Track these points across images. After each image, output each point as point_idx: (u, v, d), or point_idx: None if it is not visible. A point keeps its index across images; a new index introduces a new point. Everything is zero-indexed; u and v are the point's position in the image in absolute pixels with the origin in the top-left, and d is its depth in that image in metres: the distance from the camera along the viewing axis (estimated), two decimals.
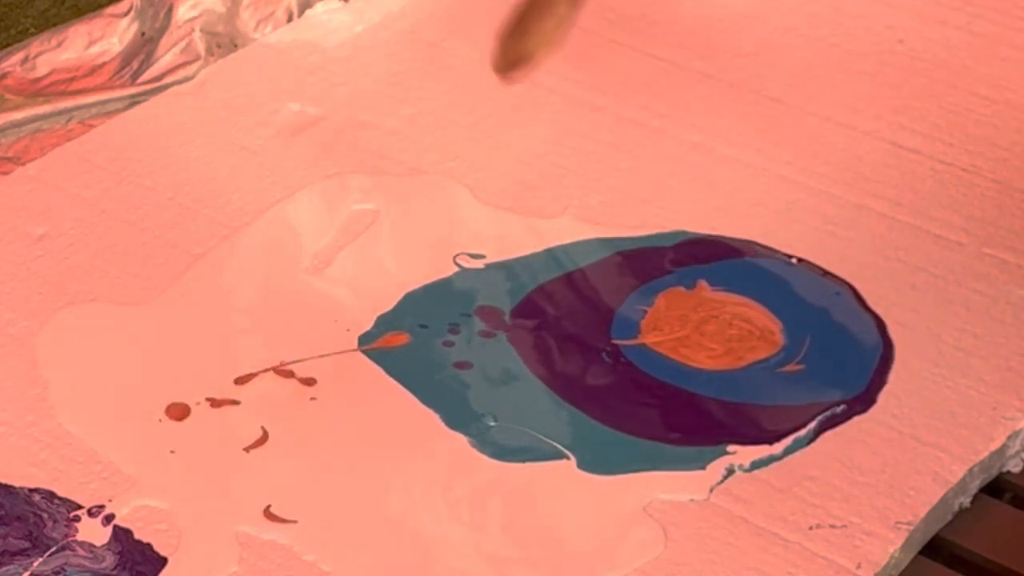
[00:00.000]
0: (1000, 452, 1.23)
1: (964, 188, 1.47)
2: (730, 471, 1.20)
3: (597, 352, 1.30)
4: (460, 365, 1.29)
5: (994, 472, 1.23)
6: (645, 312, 1.33)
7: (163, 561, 1.14)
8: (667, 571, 1.14)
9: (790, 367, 1.29)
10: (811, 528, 1.16)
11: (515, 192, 1.47)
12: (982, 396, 1.26)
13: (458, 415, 1.25)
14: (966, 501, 1.21)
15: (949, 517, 1.20)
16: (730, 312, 1.33)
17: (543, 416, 1.25)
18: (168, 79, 1.69)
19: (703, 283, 1.36)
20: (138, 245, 1.42)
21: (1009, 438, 1.23)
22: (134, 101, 1.64)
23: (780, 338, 1.31)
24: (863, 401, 1.25)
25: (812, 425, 1.23)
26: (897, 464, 1.21)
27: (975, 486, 1.21)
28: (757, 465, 1.20)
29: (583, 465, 1.21)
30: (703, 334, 1.31)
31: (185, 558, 1.15)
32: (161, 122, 1.57)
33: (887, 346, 1.30)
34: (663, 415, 1.25)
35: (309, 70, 1.63)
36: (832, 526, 1.16)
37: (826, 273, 1.37)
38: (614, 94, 1.58)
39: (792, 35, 1.67)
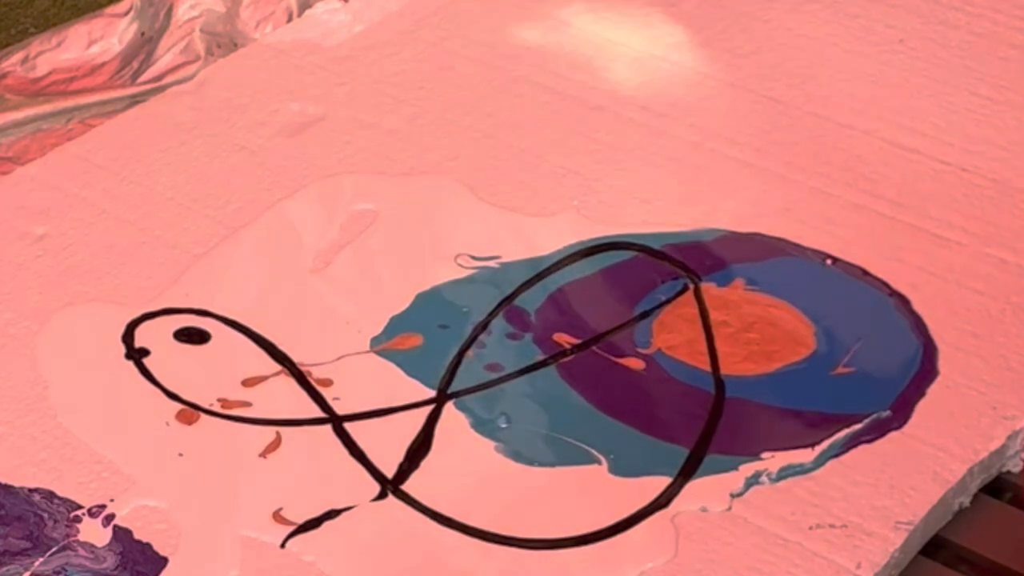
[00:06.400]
0: (1000, 452, 1.22)
1: (964, 188, 1.47)
2: (755, 479, 1.19)
3: (622, 354, 1.29)
4: (490, 367, 1.28)
5: (994, 472, 1.23)
6: (659, 312, 1.33)
7: (163, 561, 1.14)
8: (667, 571, 1.14)
9: (839, 370, 1.28)
10: (811, 528, 1.16)
11: (515, 192, 1.46)
12: (982, 396, 1.26)
13: (484, 417, 1.24)
14: (966, 501, 1.21)
15: (949, 517, 1.20)
16: (752, 314, 1.33)
17: (571, 419, 1.24)
18: (168, 79, 1.69)
19: (739, 281, 1.35)
20: (138, 245, 1.41)
21: (1009, 438, 1.23)
22: (134, 101, 1.64)
23: (812, 342, 1.31)
24: (899, 412, 1.24)
25: (842, 436, 1.22)
26: (897, 464, 1.20)
27: (975, 486, 1.21)
28: (784, 475, 1.20)
29: (615, 470, 1.20)
30: (717, 337, 1.31)
31: (185, 559, 1.15)
32: (161, 122, 1.56)
33: (926, 354, 1.29)
34: (690, 420, 1.24)
35: (309, 70, 1.63)
36: (832, 526, 1.16)
37: (865, 273, 1.36)
38: (614, 94, 1.58)
39: (792, 35, 1.67)
